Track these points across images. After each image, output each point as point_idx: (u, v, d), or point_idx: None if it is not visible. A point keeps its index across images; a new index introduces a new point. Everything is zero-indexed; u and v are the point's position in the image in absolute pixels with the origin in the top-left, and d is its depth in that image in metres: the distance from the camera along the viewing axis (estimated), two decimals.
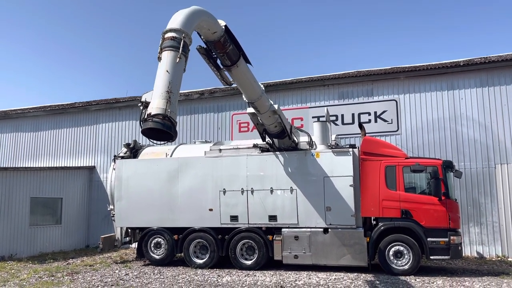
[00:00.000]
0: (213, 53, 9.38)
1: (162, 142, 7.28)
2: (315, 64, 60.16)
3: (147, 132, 6.81)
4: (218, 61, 9.62)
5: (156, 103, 6.74)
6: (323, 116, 14.56)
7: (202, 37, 8.95)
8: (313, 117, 16.61)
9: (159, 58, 7.28)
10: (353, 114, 16.69)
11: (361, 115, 16.55)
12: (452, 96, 15.66)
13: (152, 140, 7.19)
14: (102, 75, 65.30)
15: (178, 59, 7.18)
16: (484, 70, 15.41)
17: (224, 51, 9.17)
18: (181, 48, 7.25)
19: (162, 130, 6.63)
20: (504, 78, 15.20)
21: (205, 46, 9.29)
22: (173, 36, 7.35)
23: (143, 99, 12.44)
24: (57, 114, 21.40)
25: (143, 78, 66.17)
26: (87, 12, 58.48)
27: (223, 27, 8.88)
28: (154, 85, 7.05)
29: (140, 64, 64.70)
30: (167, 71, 7.02)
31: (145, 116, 6.74)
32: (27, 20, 57.28)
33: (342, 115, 16.80)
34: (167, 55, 7.22)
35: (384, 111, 16.32)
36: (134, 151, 14.51)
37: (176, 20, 7.62)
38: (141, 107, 9.25)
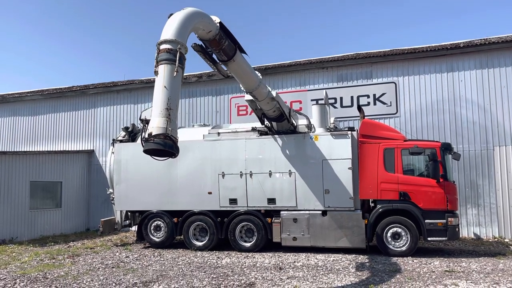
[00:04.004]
0: (209, 49, 9.20)
1: (165, 158, 7.32)
2: (314, 46, 59.71)
3: (149, 152, 6.82)
4: (214, 56, 9.44)
5: (156, 122, 6.71)
6: (322, 99, 14.50)
7: (197, 36, 8.76)
8: (311, 100, 16.56)
9: (156, 72, 7.12)
10: (352, 97, 16.63)
11: (360, 98, 16.49)
12: (451, 78, 15.59)
13: (155, 158, 7.16)
14: (99, 58, 64.79)
15: (175, 72, 7.02)
16: (483, 52, 15.31)
17: (220, 48, 9.01)
18: (177, 61, 7.07)
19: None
20: (504, 60, 15.12)
21: (200, 43, 9.11)
22: (168, 48, 7.15)
23: (142, 117, 12.42)
24: (54, 98, 21.31)
25: (141, 61, 65.69)
26: None
27: (218, 24, 8.71)
28: (153, 102, 6.97)
29: (138, 47, 64.14)
30: (165, 86, 6.90)
31: (146, 136, 6.74)
32: (25, 3, 56.48)
33: (341, 98, 16.74)
34: (163, 70, 7.05)
35: (383, 94, 16.26)
36: (132, 134, 14.47)
37: (170, 30, 7.38)
38: (142, 125, 9.20)
